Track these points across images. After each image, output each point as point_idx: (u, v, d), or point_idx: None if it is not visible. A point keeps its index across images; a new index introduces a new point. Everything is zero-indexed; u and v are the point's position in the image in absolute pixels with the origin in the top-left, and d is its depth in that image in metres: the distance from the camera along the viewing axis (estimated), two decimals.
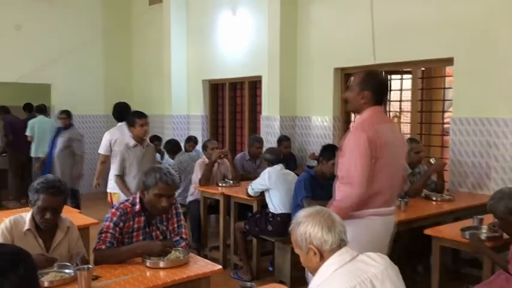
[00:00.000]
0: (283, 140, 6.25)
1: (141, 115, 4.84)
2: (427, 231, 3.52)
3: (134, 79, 9.68)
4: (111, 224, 2.88)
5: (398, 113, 5.91)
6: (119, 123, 5.53)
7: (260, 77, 6.96)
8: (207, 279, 2.71)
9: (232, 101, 7.81)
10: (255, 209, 4.84)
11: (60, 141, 6.67)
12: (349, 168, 2.71)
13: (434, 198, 4.48)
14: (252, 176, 5.40)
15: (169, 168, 3.04)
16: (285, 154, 6.04)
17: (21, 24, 8.37)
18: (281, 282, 4.52)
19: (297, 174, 4.78)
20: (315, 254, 1.84)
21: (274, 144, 6.28)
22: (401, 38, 5.33)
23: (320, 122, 6.36)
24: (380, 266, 1.83)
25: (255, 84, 7.35)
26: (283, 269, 4.52)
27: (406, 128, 5.79)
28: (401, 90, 5.75)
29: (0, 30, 8.18)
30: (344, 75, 6.18)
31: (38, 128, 7.77)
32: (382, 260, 1.87)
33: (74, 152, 6.76)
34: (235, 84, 7.75)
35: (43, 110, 8.07)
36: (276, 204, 4.50)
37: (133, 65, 9.69)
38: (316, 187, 4.19)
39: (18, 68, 8.28)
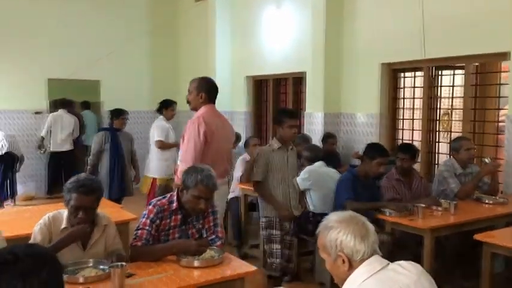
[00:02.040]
0: (328, 137, 6.11)
1: (292, 114, 4.07)
2: (478, 237, 3.31)
3: (180, 75, 9.75)
4: (148, 221, 2.88)
5: (449, 111, 5.63)
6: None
7: (304, 73, 6.83)
8: (242, 280, 2.65)
9: (275, 97, 7.72)
10: None
11: (125, 145, 6.16)
12: (187, 151, 3.55)
13: (486, 201, 4.22)
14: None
15: (211, 171, 2.97)
16: (329, 151, 5.92)
17: (72, 22, 8.61)
18: (321, 284, 4.42)
19: (340, 173, 4.65)
20: (344, 262, 1.74)
21: (318, 142, 6.15)
22: (453, 31, 5.06)
23: (365, 119, 6.16)
24: (412, 275, 1.71)
25: (299, 80, 7.22)
26: (323, 270, 4.39)
27: (457, 126, 5.51)
28: (452, 86, 5.47)
29: (53, 29, 8.45)
30: (391, 70, 5.96)
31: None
32: (414, 269, 1.75)
33: (132, 156, 6.33)
34: (279, 81, 7.65)
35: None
36: (317, 203, 4.39)
37: (179, 61, 9.78)
38: (359, 187, 4.05)
39: (70, 64, 8.51)
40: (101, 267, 2.58)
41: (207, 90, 3.73)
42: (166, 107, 6.41)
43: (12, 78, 8.14)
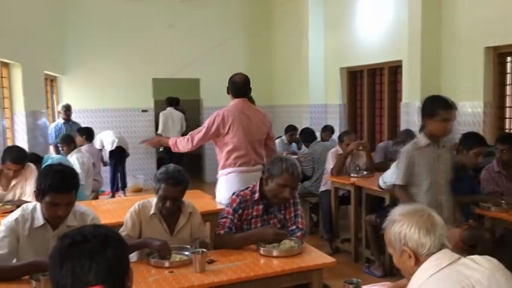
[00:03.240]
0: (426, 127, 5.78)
1: (449, 105, 3.30)
2: None
3: (275, 70, 9.87)
4: (231, 210, 2.98)
5: None
6: None
7: (400, 61, 6.55)
8: (319, 271, 2.63)
9: (370, 88, 7.48)
10: (387, 201, 4.57)
11: None
12: (199, 131, 3.93)
13: None
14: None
15: (295, 160, 3.03)
16: None
17: (173, 23, 9.11)
18: None
19: None
20: (410, 257, 1.66)
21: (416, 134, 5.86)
22: None
23: (468, 109, 5.73)
24: (485, 271, 1.57)
25: (395, 69, 6.93)
26: None
27: None
28: None
29: (155, 30, 9.02)
30: (498, 54, 5.47)
31: None
32: (488, 264, 1.60)
33: None
34: (374, 71, 7.40)
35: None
36: None
37: (273, 56, 9.89)
38: (455, 180, 3.77)
39: (172, 64, 9.03)
40: (186, 253, 2.71)
41: (229, 87, 4.05)
42: None
43: (121, 79, 8.85)
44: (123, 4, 8.78)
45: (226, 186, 3.86)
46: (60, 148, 5.78)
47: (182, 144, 4.00)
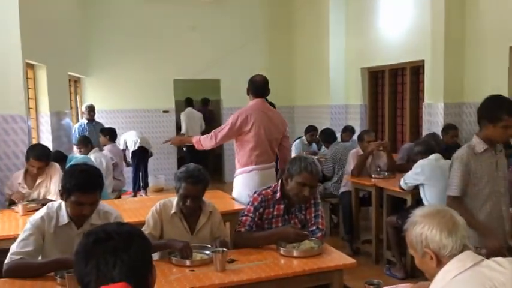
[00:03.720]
0: (449, 128, 5.71)
1: None
2: None
3: (295, 70, 9.85)
4: (252, 208, 3.00)
5: None
6: None
7: (423, 61, 6.47)
8: (340, 272, 2.62)
9: (392, 88, 7.41)
10: (409, 202, 4.52)
11: None
12: (221, 129, 4.08)
13: None
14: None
15: (315, 159, 3.05)
16: (449, 144, 5.55)
17: (195, 25, 9.17)
18: None
19: None
20: (432, 258, 1.65)
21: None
22: None
23: None
24: (509, 273, 1.54)
25: (417, 69, 6.86)
26: None
27: None
28: None
29: (177, 32, 9.08)
30: None
31: None
32: None
33: None
34: (396, 71, 7.33)
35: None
36: (432, 199, 4.12)
37: (294, 56, 9.86)
38: None
39: (193, 65, 9.10)
40: (207, 252, 2.73)
41: (250, 87, 4.19)
42: None
43: (143, 80, 8.94)
44: (145, 6, 8.88)
45: (244, 182, 4.03)
46: (78, 150, 5.85)
47: (206, 142, 4.13)
